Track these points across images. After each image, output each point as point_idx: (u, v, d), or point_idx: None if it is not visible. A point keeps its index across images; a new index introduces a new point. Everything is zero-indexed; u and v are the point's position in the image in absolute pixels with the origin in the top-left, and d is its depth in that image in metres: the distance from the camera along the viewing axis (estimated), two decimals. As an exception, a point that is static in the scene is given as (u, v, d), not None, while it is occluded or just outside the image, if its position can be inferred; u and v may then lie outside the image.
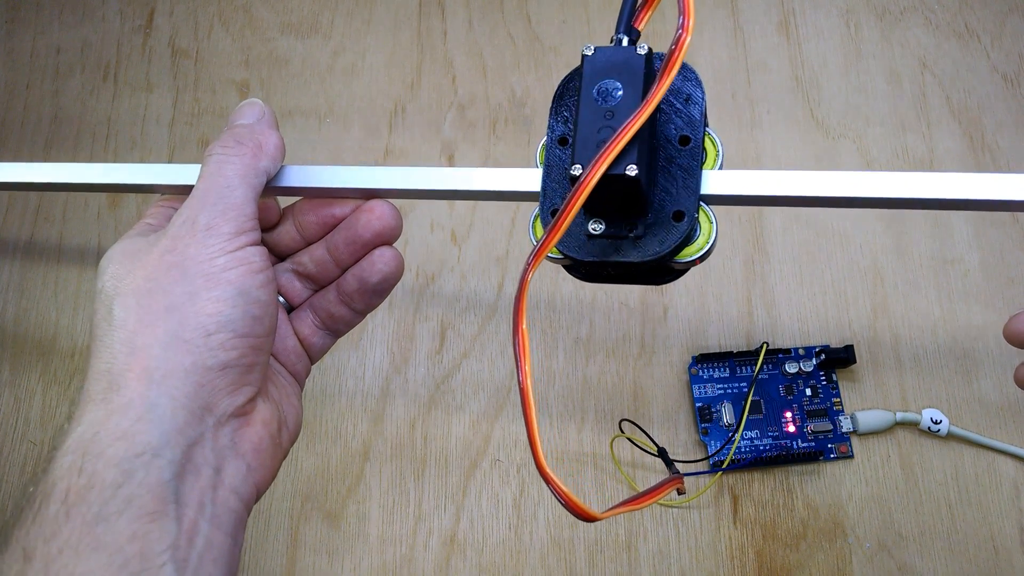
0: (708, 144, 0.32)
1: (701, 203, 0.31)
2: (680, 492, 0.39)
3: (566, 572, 0.47)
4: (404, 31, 0.63)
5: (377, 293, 0.36)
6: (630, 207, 0.31)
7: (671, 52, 0.28)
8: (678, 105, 0.32)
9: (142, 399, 0.28)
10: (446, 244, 0.56)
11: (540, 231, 0.33)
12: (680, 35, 0.28)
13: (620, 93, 0.30)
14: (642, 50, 0.31)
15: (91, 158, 0.60)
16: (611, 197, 0.30)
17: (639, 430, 0.49)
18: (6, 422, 0.52)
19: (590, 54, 0.31)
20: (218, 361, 0.29)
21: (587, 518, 0.29)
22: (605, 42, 0.32)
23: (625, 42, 0.32)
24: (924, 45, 0.60)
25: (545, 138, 0.34)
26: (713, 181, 0.32)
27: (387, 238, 0.36)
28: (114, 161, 0.60)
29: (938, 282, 0.53)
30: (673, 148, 0.32)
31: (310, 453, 0.51)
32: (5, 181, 0.42)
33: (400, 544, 0.48)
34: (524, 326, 0.29)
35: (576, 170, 0.29)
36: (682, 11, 0.28)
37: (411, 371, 0.53)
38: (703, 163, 0.32)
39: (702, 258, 0.31)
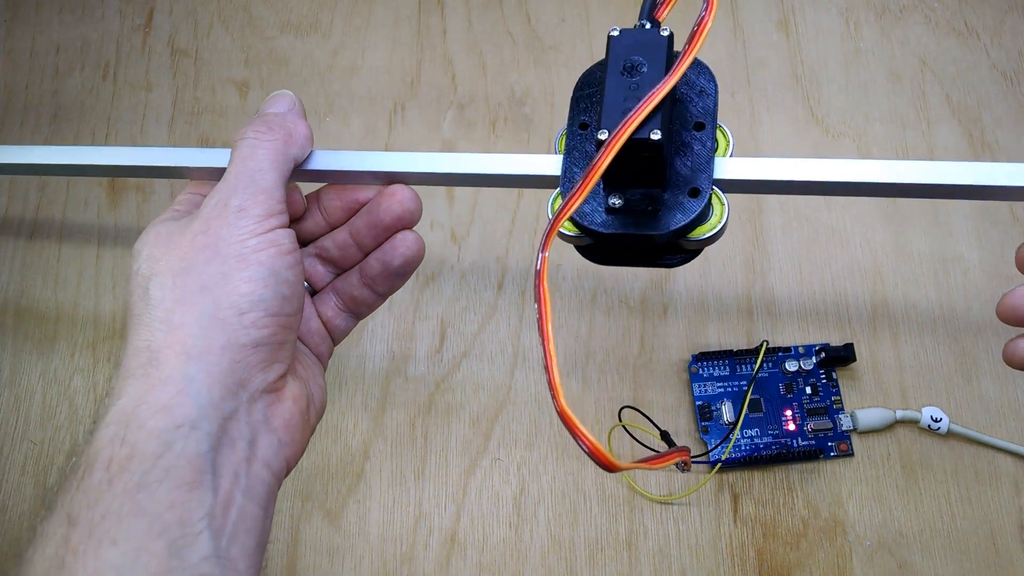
0: (720, 136, 0.34)
1: (714, 187, 0.33)
2: (685, 467, 0.39)
3: (566, 571, 0.47)
4: (404, 30, 0.63)
5: (399, 276, 0.37)
6: (650, 179, 0.32)
7: (694, 32, 0.30)
8: (693, 96, 0.34)
9: (180, 374, 0.29)
10: (446, 243, 0.56)
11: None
12: (703, 17, 0.30)
13: (645, 69, 0.32)
14: (665, 32, 0.33)
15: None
16: (633, 166, 0.31)
17: (640, 415, 0.49)
18: (6, 422, 0.52)
19: (616, 35, 0.33)
20: (251, 339, 0.30)
21: (609, 466, 0.30)
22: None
23: (648, 27, 0.33)
24: (924, 43, 0.60)
25: (562, 128, 0.35)
26: (725, 167, 0.33)
27: (407, 222, 0.36)
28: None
29: (938, 280, 0.53)
30: (688, 134, 0.34)
31: (310, 452, 0.50)
32: (33, 163, 0.43)
33: (400, 543, 0.48)
34: (545, 280, 0.31)
35: (603, 134, 0.31)
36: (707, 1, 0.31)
37: (411, 370, 0.53)
38: (716, 150, 0.33)
39: (714, 238, 0.33)
